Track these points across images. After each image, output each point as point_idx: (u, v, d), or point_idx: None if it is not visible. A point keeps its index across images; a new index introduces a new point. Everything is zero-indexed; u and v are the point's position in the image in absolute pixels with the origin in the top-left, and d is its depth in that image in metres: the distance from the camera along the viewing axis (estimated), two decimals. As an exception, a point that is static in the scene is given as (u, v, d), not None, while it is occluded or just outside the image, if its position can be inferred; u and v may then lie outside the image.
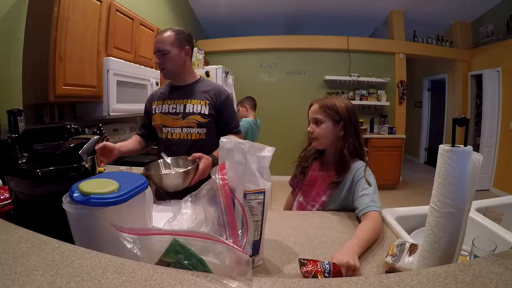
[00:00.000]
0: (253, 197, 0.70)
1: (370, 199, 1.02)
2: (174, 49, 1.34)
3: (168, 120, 1.40)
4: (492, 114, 4.51)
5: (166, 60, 1.34)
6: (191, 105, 1.38)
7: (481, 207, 1.07)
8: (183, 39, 1.37)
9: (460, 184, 0.60)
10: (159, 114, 1.43)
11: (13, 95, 1.60)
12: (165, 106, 1.42)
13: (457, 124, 0.61)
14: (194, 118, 1.38)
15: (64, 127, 1.06)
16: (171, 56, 1.34)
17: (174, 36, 1.34)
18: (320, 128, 1.17)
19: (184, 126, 1.39)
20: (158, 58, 1.36)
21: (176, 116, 1.39)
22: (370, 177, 1.11)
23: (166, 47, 1.32)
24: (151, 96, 1.52)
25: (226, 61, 4.45)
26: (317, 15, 5.14)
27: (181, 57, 1.37)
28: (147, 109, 1.51)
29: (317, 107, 1.19)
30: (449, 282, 0.48)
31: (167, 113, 1.41)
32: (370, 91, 4.93)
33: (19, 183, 0.75)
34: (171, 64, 1.36)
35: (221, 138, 0.76)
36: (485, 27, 4.76)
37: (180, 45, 1.36)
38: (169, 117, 1.40)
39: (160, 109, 1.43)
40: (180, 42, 1.35)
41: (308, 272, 0.65)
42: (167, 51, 1.33)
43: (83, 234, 0.64)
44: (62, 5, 1.63)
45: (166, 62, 1.35)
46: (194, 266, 0.53)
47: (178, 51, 1.35)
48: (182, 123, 1.39)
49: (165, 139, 1.43)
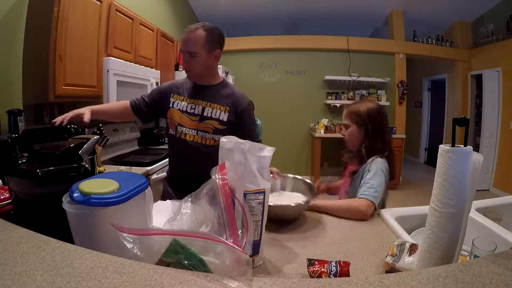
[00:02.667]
0: (253, 197, 0.70)
1: (366, 187, 1.12)
2: (204, 52, 1.25)
3: (185, 120, 1.34)
4: (492, 114, 4.51)
5: (194, 62, 1.26)
6: (210, 109, 1.31)
7: (481, 207, 1.07)
8: (214, 41, 1.27)
9: (460, 184, 0.60)
10: (177, 111, 1.35)
11: (13, 95, 1.60)
12: (184, 103, 1.34)
13: (457, 124, 0.61)
14: (211, 123, 1.31)
15: (64, 127, 1.06)
16: (200, 59, 1.25)
17: (205, 37, 1.24)
18: (347, 132, 1.33)
19: (199, 130, 1.32)
20: (185, 59, 1.27)
21: (194, 117, 1.33)
22: (377, 169, 1.18)
23: (196, 49, 1.23)
24: (172, 85, 1.42)
25: (226, 61, 4.45)
26: (317, 15, 5.14)
27: (210, 61, 1.29)
28: (162, 94, 1.41)
29: (344, 113, 1.34)
30: (449, 282, 0.48)
31: (185, 111, 1.34)
32: (370, 91, 4.93)
33: (19, 183, 0.75)
34: (198, 67, 1.28)
35: (221, 138, 0.76)
36: (485, 27, 4.76)
37: (211, 49, 1.26)
38: (187, 117, 1.34)
39: (179, 105, 1.35)
40: (210, 45, 1.26)
41: (314, 272, 0.65)
42: (196, 54, 1.24)
43: (83, 234, 0.64)
44: (62, 5, 1.63)
45: (193, 64, 1.27)
46: (194, 266, 0.53)
47: (207, 55, 1.26)
48: (198, 125, 1.32)
49: (178, 139, 1.36)
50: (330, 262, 0.66)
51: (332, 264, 0.66)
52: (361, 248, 0.85)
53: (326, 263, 0.66)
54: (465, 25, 5.14)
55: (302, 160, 5.14)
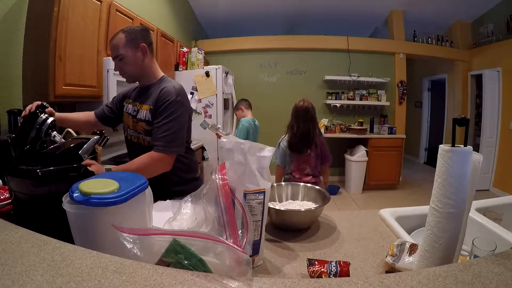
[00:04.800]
0: (253, 197, 0.70)
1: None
2: (129, 51, 1.24)
3: (130, 122, 1.37)
4: (492, 114, 4.51)
5: (123, 64, 1.25)
6: (141, 111, 1.31)
7: (481, 207, 1.07)
8: (136, 38, 1.26)
9: (460, 184, 0.60)
10: (126, 114, 1.39)
11: (13, 95, 1.60)
12: (130, 106, 1.38)
13: (457, 124, 0.61)
14: (141, 125, 1.31)
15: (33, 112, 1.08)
16: (128, 59, 1.25)
17: (125, 38, 1.24)
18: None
19: (137, 131, 1.34)
20: (116, 65, 1.28)
21: (134, 118, 1.34)
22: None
23: (120, 51, 1.23)
24: (127, 91, 1.46)
25: (226, 61, 4.45)
26: (317, 15, 5.14)
27: (138, 57, 1.27)
28: (120, 99, 1.45)
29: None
30: (449, 282, 0.48)
31: (130, 114, 1.37)
32: (370, 91, 4.93)
33: (19, 183, 0.75)
34: (129, 68, 1.27)
35: (221, 138, 0.76)
36: (485, 27, 4.76)
37: (134, 45, 1.25)
38: (130, 119, 1.36)
39: (127, 108, 1.39)
40: (133, 42, 1.25)
41: (314, 272, 0.65)
42: (122, 55, 1.24)
43: (83, 234, 0.64)
44: (62, 5, 1.63)
45: (124, 67, 1.26)
46: (194, 266, 0.53)
47: (133, 52, 1.25)
48: (136, 127, 1.34)
49: (129, 141, 1.40)
50: (330, 262, 0.66)
51: (332, 264, 0.66)
52: (361, 248, 0.85)
53: (326, 263, 0.66)
54: (465, 25, 5.14)
55: (302, 160, 5.14)
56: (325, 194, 1.08)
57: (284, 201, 1.14)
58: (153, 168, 1.21)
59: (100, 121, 1.48)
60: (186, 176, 1.40)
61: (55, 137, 1.07)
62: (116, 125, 1.56)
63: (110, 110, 1.47)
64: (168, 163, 1.25)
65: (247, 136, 2.95)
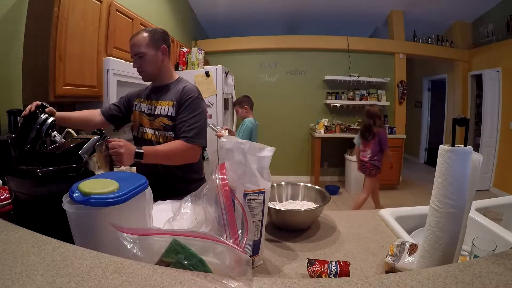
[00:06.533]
0: (253, 197, 0.70)
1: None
2: (150, 50, 1.29)
3: (144, 120, 1.39)
4: (492, 114, 4.51)
5: (144, 62, 1.30)
6: (160, 106, 1.35)
7: (481, 207, 1.07)
8: (159, 39, 1.32)
9: (460, 184, 0.60)
10: (138, 113, 1.41)
11: (13, 95, 1.60)
12: (143, 105, 1.40)
13: (457, 124, 0.61)
14: (161, 121, 1.34)
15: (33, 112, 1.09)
16: (148, 58, 1.30)
17: (148, 37, 1.29)
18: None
19: (154, 128, 1.36)
20: (135, 62, 1.32)
21: (150, 117, 1.37)
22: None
23: (142, 49, 1.28)
24: (136, 91, 1.49)
25: (226, 61, 4.45)
26: (317, 15, 5.14)
27: (159, 58, 1.33)
28: (129, 99, 1.48)
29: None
30: (449, 282, 0.48)
31: (144, 112, 1.39)
32: (370, 91, 4.93)
33: (19, 183, 0.75)
34: (149, 66, 1.32)
35: (221, 138, 0.75)
36: (485, 27, 4.76)
37: (156, 46, 1.31)
38: (145, 117, 1.39)
39: (139, 107, 1.42)
40: (155, 43, 1.31)
41: (314, 272, 0.65)
42: (144, 53, 1.29)
43: (83, 234, 0.64)
44: (62, 5, 1.63)
45: (144, 65, 1.31)
46: (194, 266, 0.53)
47: (154, 52, 1.31)
48: (153, 124, 1.37)
49: (141, 139, 1.41)
50: (330, 262, 0.66)
51: (332, 264, 0.66)
52: (361, 248, 0.85)
53: (326, 263, 0.66)
54: (465, 25, 5.14)
55: (302, 160, 5.14)
56: (325, 194, 1.08)
57: (284, 201, 1.14)
58: (183, 155, 1.27)
59: (107, 119, 1.49)
60: (193, 175, 1.42)
61: (55, 137, 1.07)
62: (122, 125, 1.57)
63: (118, 109, 1.49)
64: (196, 153, 1.31)
65: (250, 137, 2.95)
